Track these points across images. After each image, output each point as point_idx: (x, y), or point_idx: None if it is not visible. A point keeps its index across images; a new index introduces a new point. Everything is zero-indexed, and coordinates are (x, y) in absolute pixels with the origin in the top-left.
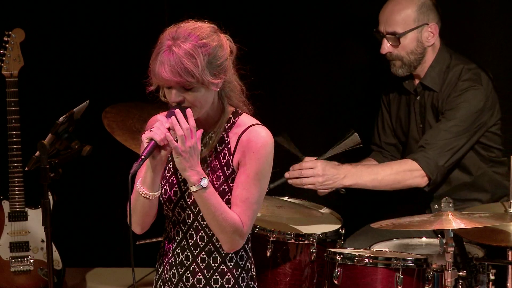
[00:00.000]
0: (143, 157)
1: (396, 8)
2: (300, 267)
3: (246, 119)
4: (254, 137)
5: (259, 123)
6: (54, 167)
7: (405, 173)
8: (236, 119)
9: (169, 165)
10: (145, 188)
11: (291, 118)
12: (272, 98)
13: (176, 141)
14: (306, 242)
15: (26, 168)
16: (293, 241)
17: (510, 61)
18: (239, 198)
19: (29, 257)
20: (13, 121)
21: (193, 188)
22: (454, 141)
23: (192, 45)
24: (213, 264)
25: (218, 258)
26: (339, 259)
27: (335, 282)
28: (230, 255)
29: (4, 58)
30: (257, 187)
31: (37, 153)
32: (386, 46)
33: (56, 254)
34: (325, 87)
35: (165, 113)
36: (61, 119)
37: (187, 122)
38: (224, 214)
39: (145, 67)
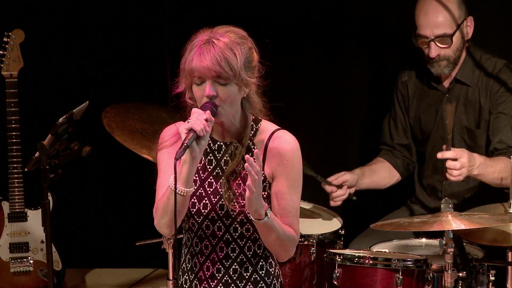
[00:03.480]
0: (185, 144)
1: (439, 9)
2: (299, 268)
3: (267, 125)
4: (283, 145)
5: (281, 128)
6: (53, 168)
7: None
8: (258, 125)
9: (195, 178)
10: (180, 184)
11: (292, 125)
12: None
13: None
14: (305, 243)
15: (26, 169)
16: None
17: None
18: (286, 209)
19: (29, 258)
20: (13, 122)
21: (263, 220)
22: None
23: (231, 40)
24: (245, 274)
25: (250, 267)
26: (339, 260)
27: (335, 283)
28: (260, 263)
29: (4, 59)
30: (298, 193)
31: (37, 154)
32: (435, 49)
33: (55, 255)
34: (325, 93)
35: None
36: (61, 119)
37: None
38: (284, 231)
39: (145, 68)
